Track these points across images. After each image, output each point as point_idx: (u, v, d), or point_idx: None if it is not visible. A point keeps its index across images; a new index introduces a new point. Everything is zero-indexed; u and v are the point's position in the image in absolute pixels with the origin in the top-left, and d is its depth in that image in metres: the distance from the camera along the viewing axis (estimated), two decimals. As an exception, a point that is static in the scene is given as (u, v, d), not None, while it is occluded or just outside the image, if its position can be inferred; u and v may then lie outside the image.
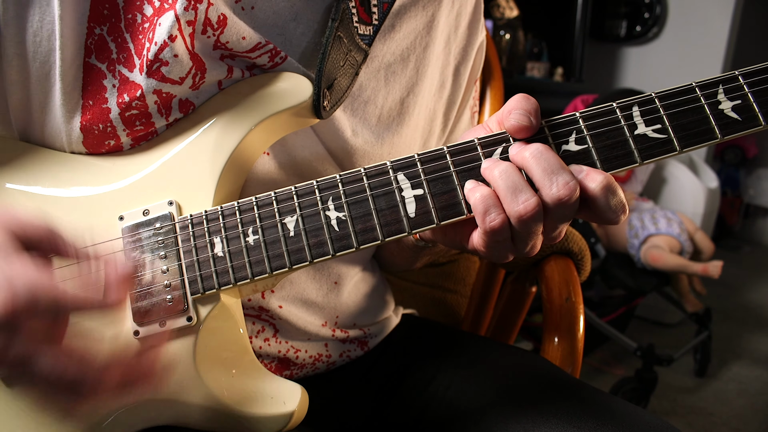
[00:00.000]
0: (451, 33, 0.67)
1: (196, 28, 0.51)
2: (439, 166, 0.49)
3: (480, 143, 0.49)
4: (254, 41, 0.53)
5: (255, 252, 0.50)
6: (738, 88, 0.48)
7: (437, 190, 0.49)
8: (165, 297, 0.50)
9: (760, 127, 0.48)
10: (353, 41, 0.56)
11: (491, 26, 2.51)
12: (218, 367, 0.52)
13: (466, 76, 0.70)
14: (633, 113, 0.48)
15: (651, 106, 0.48)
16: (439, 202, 0.49)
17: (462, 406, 0.65)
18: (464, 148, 0.49)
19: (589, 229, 2.26)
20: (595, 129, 0.48)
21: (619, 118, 0.48)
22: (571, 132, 0.49)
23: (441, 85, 0.68)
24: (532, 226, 0.46)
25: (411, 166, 0.49)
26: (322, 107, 0.54)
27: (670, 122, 0.48)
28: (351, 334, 0.72)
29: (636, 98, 0.49)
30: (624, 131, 0.48)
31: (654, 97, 0.49)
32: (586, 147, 0.48)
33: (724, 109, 0.48)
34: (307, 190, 0.50)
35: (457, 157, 0.49)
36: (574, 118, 0.49)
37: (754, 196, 3.98)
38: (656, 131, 0.48)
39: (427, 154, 0.50)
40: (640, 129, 0.48)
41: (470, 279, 1.11)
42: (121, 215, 0.53)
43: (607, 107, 0.49)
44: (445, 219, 0.48)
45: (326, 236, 0.49)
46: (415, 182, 0.49)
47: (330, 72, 0.54)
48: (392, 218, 0.49)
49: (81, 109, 0.53)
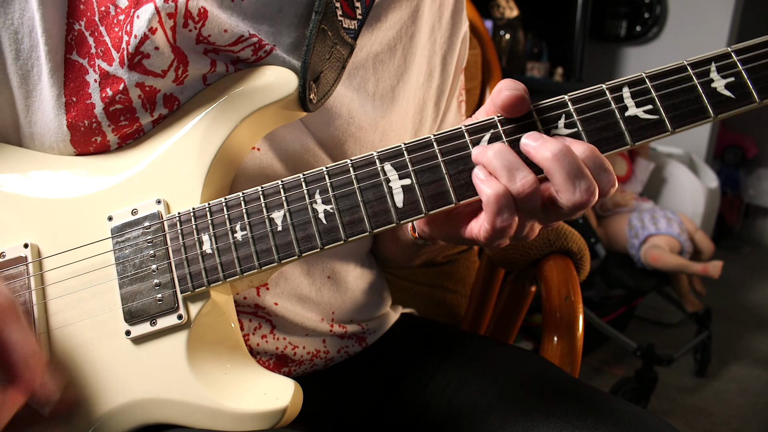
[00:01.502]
0: (435, 23, 0.68)
1: (177, 21, 0.51)
2: (427, 155, 0.49)
3: (467, 130, 0.49)
4: (236, 34, 0.53)
5: (243, 248, 0.50)
6: (731, 65, 0.47)
7: (425, 179, 0.48)
8: (155, 296, 0.51)
9: (754, 104, 0.47)
10: (338, 35, 0.56)
11: (491, 26, 2.51)
12: (211, 364, 0.52)
13: (453, 65, 0.71)
14: (623, 94, 0.48)
15: (642, 86, 0.48)
16: (427, 191, 0.48)
17: (461, 405, 0.65)
18: (451, 136, 0.49)
19: (589, 229, 2.26)
20: (584, 112, 0.48)
21: (609, 100, 0.48)
22: (560, 116, 0.48)
23: (429, 75, 0.69)
24: (533, 204, 0.46)
25: (398, 156, 0.49)
26: (309, 100, 0.54)
27: (661, 102, 0.47)
28: (349, 330, 0.72)
29: (626, 79, 0.48)
30: (614, 113, 0.47)
31: (644, 77, 0.48)
32: (575, 130, 0.48)
33: (717, 87, 0.47)
34: (294, 183, 0.50)
35: (443, 145, 0.49)
36: (563, 101, 0.48)
37: (754, 196, 3.98)
38: (647, 112, 0.47)
39: (414, 143, 0.49)
40: (631, 110, 0.47)
41: (470, 279, 1.11)
42: (110, 215, 0.53)
43: (597, 89, 0.48)
44: (433, 208, 0.48)
45: (314, 230, 0.49)
46: (402, 172, 0.49)
47: (315, 65, 0.54)
48: (380, 209, 0.49)
49: (66, 106, 0.53)
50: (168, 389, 0.50)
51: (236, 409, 0.50)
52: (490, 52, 1.10)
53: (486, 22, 2.33)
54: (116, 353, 0.51)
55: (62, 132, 0.54)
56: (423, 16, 0.66)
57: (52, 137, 0.54)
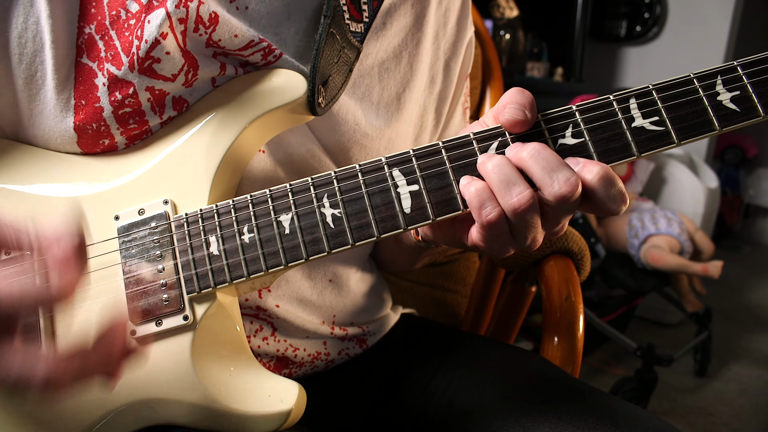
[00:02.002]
0: (440, 29, 0.68)
1: (188, 26, 0.51)
2: (435, 161, 0.49)
3: (475, 138, 0.49)
4: (247, 39, 0.53)
5: (250, 250, 0.50)
6: (737, 78, 0.48)
7: (433, 185, 0.49)
8: (161, 296, 0.50)
9: (759, 118, 0.47)
10: (346, 38, 0.56)
11: (491, 26, 2.51)
12: (215, 365, 0.51)
13: (456, 71, 0.71)
14: (630, 105, 0.48)
15: (648, 98, 0.48)
16: (434, 197, 0.48)
17: (461, 405, 0.65)
18: (460, 143, 0.49)
19: (589, 229, 2.26)
20: (591, 122, 0.48)
21: (616, 111, 0.48)
22: (567, 126, 0.48)
23: (431, 81, 0.69)
24: (528, 219, 0.46)
25: (406, 162, 0.49)
26: (317, 104, 0.54)
27: (667, 114, 0.48)
28: (350, 332, 0.72)
29: (633, 90, 0.49)
30: (621, 124, 0.48)
31: (651, 89, 0.48)
32: (582, 140, 0.48)
33: (722, 101, 0.47)
34: (302, 187, 0.50)
35: (452, 152, 0.49)
36: (571, 111, 0.49)
37: (754, 196, 3.98)
38: (654, 123, 0.48)
39: (422, 149, 0.49)
40: (638, 121, 0.48)
41: (470, 279, 1.11)
42: (117, 215, 0.53)
43: (604, 100, 0.48)
44: (440, 215, 0.48)
45: (321, 233, 0.49)
46: (410, 178, 0.49)
47: (324, 68, 0.54)
48: (388, 214, 0.49)
49: (74, 109, 0.53)
50: (172, 390, 0.50)
51: (241, 410, 0.50)
52: (490, 52, 1.10)
53: (486, 22, 2.33)
54: None
55: (69, 134, 0.54)
56: (428, 23, 0.65)
57: (58, 140, 0.54)
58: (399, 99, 0.64)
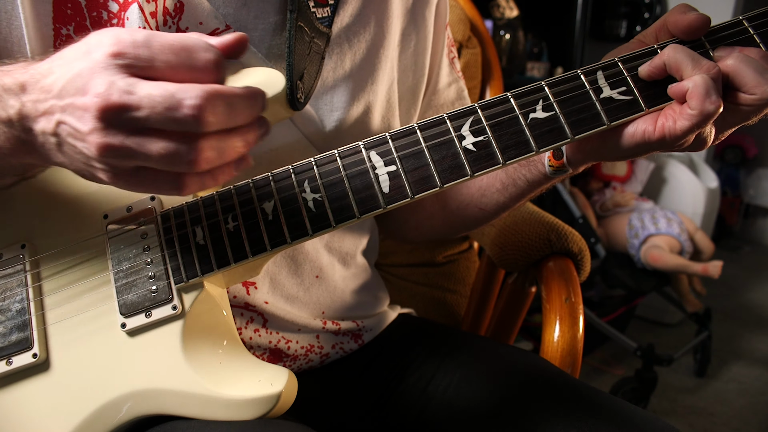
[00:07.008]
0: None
1: (158, 19, 0.52)
2: (411, 141, 0.51)
3: (449, 117, 0.51)
4: (212, 27, 0.54)
5: (235, 237, 0.51)
6: (701, 45, 0.50)
7: (410, 165, 0.50)
8: (150, 288, 0.51)
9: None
10: (314, 27, 0.57)
11: (491, 26, 2.51)
12: (206, 354, 0.52)
13: (431, 21, 0.70)
14: (597, 77, 0.50)
15: (614, 69, 0.50)
16: (412, 176, 0.50)
17: (461, 406, 0.65)
18: (433, 123, 0.51)
19: (589, 229, 2.26)
20: (561, 95, 0.50)
21: (584, 83, 0.50)
22: (537, 100, 0.50)
23: (405, 36, 0.68)
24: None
25: (383, 144, 0.51)
26: (297, 99, 0.54)
27: (634, 84, 0.49)
28: (343, 327, 0.72)
29: (599, 64, 0.51)
30: (590, 95, 0.50)
31: (617, 62, 0.50)
32: (553, 113, 0.50)
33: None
34: (284, 175, 0.52)
35: (427, 131, 0.51)
36: (540, 86, 0.50)
37: (754, 196, 3.98)
38: (621, 93, 0.50)
39: (398, 131, 0.51)
40: (606, 92, 0.50)
41: (470, 279, 1.12)
42: (105, 213, 0.54)
43: (572, 74, 0.50)
44: (419, 192, 0.50)
45: (304, 217, 0.50)
46: (387, 159, 0.50)
47: (299, 63, 0.55)
48: (367, 195, 0.50)
49: None
50: (164, 379, 0.51)
51: (231, 395, 0.50)
52: (490, 51, 1.10)
53: (486, 22, 2.33)
54: (112, 346, 0.52)
55: None
56: None
57: None
58: (373, 61, 0.64)
